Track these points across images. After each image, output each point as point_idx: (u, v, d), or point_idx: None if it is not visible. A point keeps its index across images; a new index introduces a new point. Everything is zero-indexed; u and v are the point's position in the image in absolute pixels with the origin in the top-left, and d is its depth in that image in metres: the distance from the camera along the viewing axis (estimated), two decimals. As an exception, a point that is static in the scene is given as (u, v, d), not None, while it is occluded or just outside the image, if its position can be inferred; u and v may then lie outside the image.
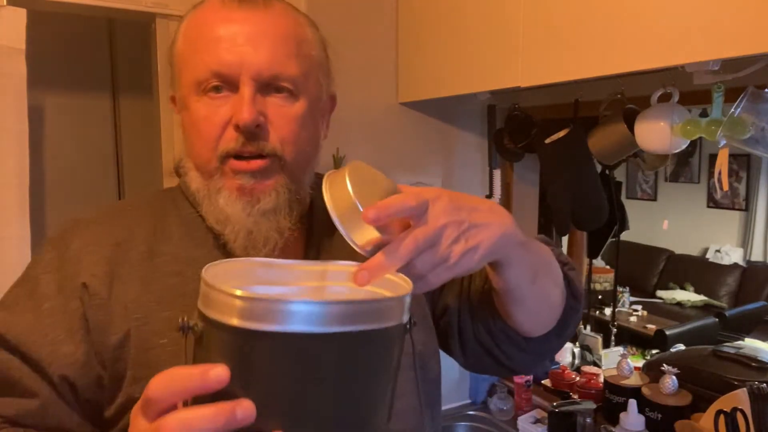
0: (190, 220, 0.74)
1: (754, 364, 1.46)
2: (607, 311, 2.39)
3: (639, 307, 3.03)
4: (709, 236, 4.67)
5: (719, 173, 1.28)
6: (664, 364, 1.51)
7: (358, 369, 0.48)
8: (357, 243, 0.54)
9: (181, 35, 0.72)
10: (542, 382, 1.91)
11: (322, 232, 0.78)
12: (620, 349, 2.00)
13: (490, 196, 1.99)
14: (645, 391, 1.52)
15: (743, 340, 1.88)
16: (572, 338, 2.01)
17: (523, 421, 1.76)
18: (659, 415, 1.47)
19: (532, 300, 0.73)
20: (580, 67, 1.22)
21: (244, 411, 0.44)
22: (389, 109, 1.83)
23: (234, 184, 0.68)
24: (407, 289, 0.52)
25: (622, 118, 1.51)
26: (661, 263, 4.74)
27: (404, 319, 0.51)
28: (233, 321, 0.45)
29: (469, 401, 1.98)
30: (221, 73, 0.66)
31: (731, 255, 4.45)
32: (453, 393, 1.97)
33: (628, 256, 3.68)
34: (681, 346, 1.90)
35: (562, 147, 1.67)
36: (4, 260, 1.37)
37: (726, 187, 1.31)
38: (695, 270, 4.49)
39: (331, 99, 0.80)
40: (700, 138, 1.29)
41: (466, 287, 0.82)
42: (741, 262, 4.41)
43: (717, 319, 2.83)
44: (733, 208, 4.54)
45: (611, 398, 1.60)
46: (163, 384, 0.46)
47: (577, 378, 1.83)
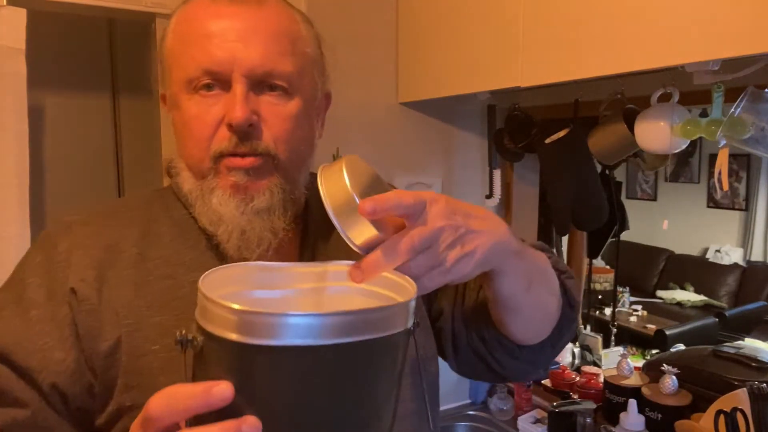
0: (182, 221, 0.72)
1: (754, 364, 1.45)
2: (607, 311, 2.39)
3: (639, 307, 3.02)
4: (709, 236, 4.66)
5: (719, 173, 1.28)
6: (664, 364, 1.51)
7: (363, 378, 0.47)
8: (351, 238, 0.53)
9: (170, 31, 0.70)
10: (542, 382, 1.91)
11: (317, 233, 0.76)
12: (620, 349, 2.00)
13: (490, 196, 1.99)
14: (645, 391, 1.52)
15: (743, 340, 1.88)
16: (572, 338, 2.01)
17: (523, 421, 1.76)
18: (659, 415, 1.47)
19: (527, 309, 0.72)
20: (580, 67, 1.22)
21: (249, 428, 0.42)
22: (389, 109, 1.83)
23: (228, 182, 0.66)
24: (411, 292, 0.51)
25: (622, 118, 1.51)
26: (661, 263, 4.73)
27: (409, 324, 0.50)
28: (233, 336, 0.43)
29: (469, 401, 1.98)
30: (212, 71, 0.65)
31: (731, 255, 4.45)
32: (453, 393, 1.97)
33: (628, 256, 3.67)
34: (681, 346, 1.90)
35: (562, 147, 1.67)
36: (4, 260, 1.37)
37: (726, 187, 1.30)
38: (695, 270, 4.49)
39: (327, 97, 0.78)
40: (700, 138, 1.29)
41: (461, 293, 0.81)
42: (741, 262, 4.41)
43: (717, 319, 2.83)
44: (733, 208, 4.54)
45: (611, 398, 1.60)
46: (164, 402, 0.44)
47: (577, 378, 1.83)
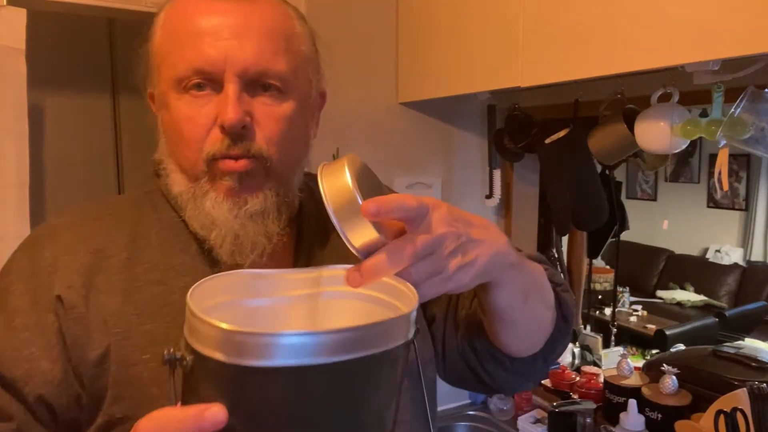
0: (172, 224, 0.69)
1: (754, 364, 1.45)
2: (607, 311, 2.39)
3: (639, 307, 3.03)
4: (709, 236, 4.66)
5: (719, 173, 1.28)
6: (664, 364, 1.51)
7: (362, 393, 0.45)
8: (351, 239, 0.51)
9: (159, 28, 0.67)
10: (542, 382, 1.91)
11: (312, 238, 0.74)
12: (620, 349, 2.00)
13: (490, 196, 1.99)
14: (645, 391, 1.52)
15: (743, 340, 1.88)
16: (572, 338, 2.01)
17: (523, 421, 1.76)
18: (659, 415, 1.47)
19: (522, 322, 0.70)
20: (580, 67, 1.22)
21: None
22: (389, 109, 1.83)
23: (222, 187, 0.64)
24: (412, 300, 0.49)
25: (622, 118, 1.51)
26: (661, 263, 4.73)
27: (410, 335, 0.48)
28: (223, 357, 0.41)
29: (468, 401, 1.98)
30: (204, 70, 0.62)
31: (731, 255, 4.45)
32: (453, 393, 1.97)
33: (628, 256, 3.67)
34: (681, 346, 1.90)
35: (562, 147, 1.67)
36: (4, 260, 1.37)
37: (726, 187, 1.31)
38: (695, 270, 4.49)
39: (321, 96, 0.76)
40: (700, 138, 1.29)
41: (454, 300, 0.80)
42: (741, 262, 4.41)
43: (717, 319, 2.84)
44: (733, 208, 4.54)
45: (611, 398, 1.60)
46: (153, 427, 0.43)
47: (577, 378, 1.83)
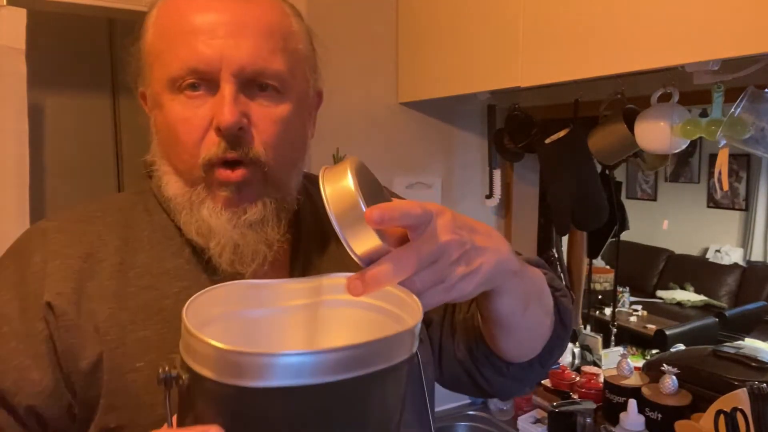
0: (164, 227, 0.67)
1: (754, 364, 1.45)
2: (607, 311, 2.39)
3: (639, 307, 3.03)
4: (709, 236, 4.66)
5: (719, 173, 1.28)
6: (664, 364, 1.51)
7: (366, 410, 0.44)
8: (353, 247, 0.49)
9: (151, 25, 0.65)
10: (542, 382, 1.91)
11: (309, 242, 0.72)
12: (620, 349, 2.00)
13: (490, 196, 1.99)
14: (645, 391, 1.52)
15: (743, 340, 1.88)
16: (572, 338, 2.01)
17: (523, 421, 1.76)
18: (659, 415, 1.47)
19: (522, 329, 0.69)
20: (580, 67, 1.21)
21: None
22: (389, 109, 1.83)
23: (219, 197, 0.62)
24: (417, 311, 0.47)
25: (622, 118, 1.51)
26: (661, 263, 4.74)
27: (414, 348, 0.46)
28: (220, 377, 0.40)
29: (468, 401, 1.97)
30: (198, 70, 0.59)
31: (731, 255, 4.45)
32: (453, 393, 1.95)
33: (628, 256, 3.67)
34: (681, 346, 1.90)
35: (562, 147, 1.67)
36: (4, 260, 1.37)
37: (726, 187, 1.30)
38: (695, 270, 4.49)
39: (318, 95, 0.74)
40: (700, 138, 1.29)
41: (451, 304, 0.78)
42: (741, 262, 4.41)
43: (717, 319, 2.84)
44: (733, 208, 4.54)
45: (611, 398, 1.60)
46: None
47: (577, 378, 1.83)
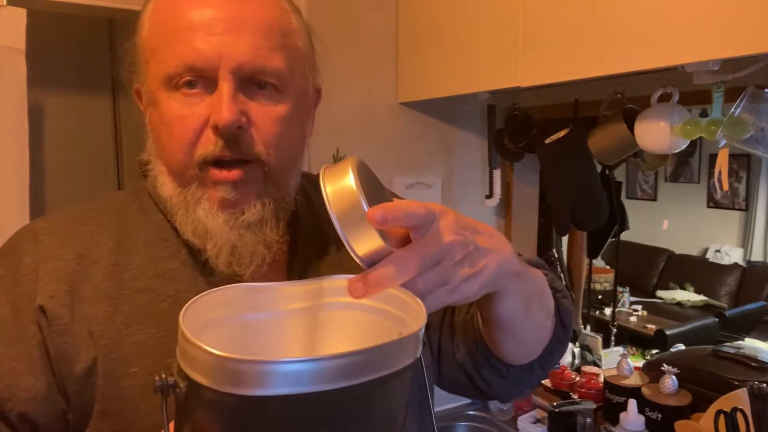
0: (160, 228, 0.65)
1: (754, 364, 1.45)
2: (607, 311, 2.39)
3: (639, 307, 3.03)
4: (709, 236, 4.66)
5: (719, 173, 1.28)
6: (664, 364, 1.51)
7: (370, 417, 0.43)
8: (355, 248, 0.48)
9: (146, 21, 0.62)
10: (542, 382, 1.91)
11: (307, 243, 0.71)
12: (620, 349, 2.00)
13: (490, 196, 1.99)
14: (645, 391, 1.52)
15: (743, 340, 1.88)
16: (572, 338, 2.01)
17: (523, 421, 1.76)
18: (659, 415, 1.47)
19: (523, 331, 0.68)
20: (580, 67, 1.21)
21: None
22: (389, 109, 1.83)
23: (215, 196, 0.60)
24: (421, 316, 0.46)
25: (622, 118, 1.51)
26: (661, 263, 4.74)
27: (418, 353, 0.45)
28: (218, 385, 0.39)
29: (468, 401, 1.97)
30: (196, 67, 0.58)
31: (731, 255, 4.45)
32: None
33: (628, 256, 3.68)
34: (681, 346, 1.90)
35: (562, 147, 1.67)
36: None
37: (726, 187, 1.30)
38: (695, 270, 4.49)
39: (317, 93, 0.72)
40: (700, 138, 1.29)
41: (451, 307, 0.77)
42: (741, 262, 4.41)
43: (717, 319, 2.84)
44: (733, 208, 4.54)
45: (611, 398, 1.60)
46: None
47: (577, 378, 1.83)
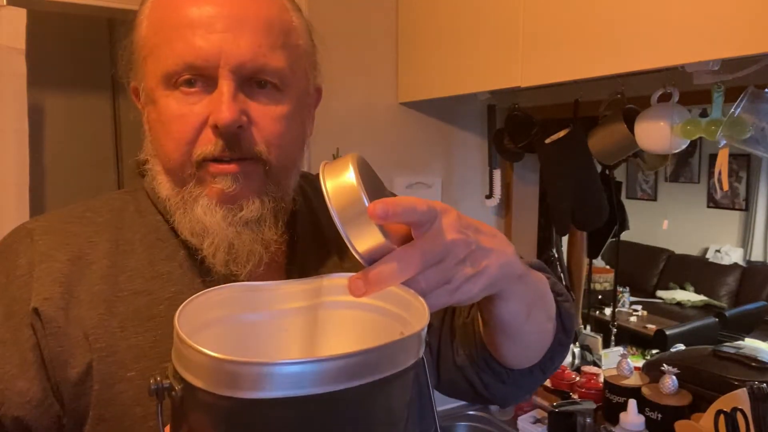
0: (158, 229, 0.64)
1: (754, 364, 1.45)
2: (607, 311, 2.40)
3: (639, 307, 3.03)
4: (709, 236, 4.67)
5: (719, 173, 1.28)
6: (664, 364, 1.51)
7: (371, 418, 0.42)
8: (355, 244, 0.47)
9: (145, 18, 0.61)
10: (542, 382, 1.91)
11: (306, 244, 0.70)
12: (620, 349, 2.00)
13: (490, 196, 1.99)
14: (645, 391, 1.52)
15: (743, 340, 1.88)
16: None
17: (523, 421, 1.75)
18: (659, 415, 1.47)
19: (524, 335, 0.67)
20: (580, 67, 1.22)
21: None
22: (389, 109, 1.83)
23: (214, 191, 0.59)
24: (423, 314, 0.45)
25: (622, 118, 1.51)
26: (661, 263, 4.74)
27: (420, 353, 0.44)
28: (215, 388, 0.38)
29: (469, 401, 1.97)
30: (196, 65, 0.57)
31: (731, 255, 4.45)
32: (453, 393, 1.96)
33: (628, 256, 3.68)
34: (681, 346, 1.90)
35: (562, 147, 1.67)
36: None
37: (726, 187, 1.30)
38: (695, 270, 4.49)
39: (318, 92, 0.71)
40: (700, 138, 1.29)
41: (451, 308, 0.76)
42: (741, 262, 4.41)
43: (717, 319, 2.84)
44: (733, 208, 4.55)
45: (611, 398, 1.60)
46: None
47: (577, 378, 1.83)
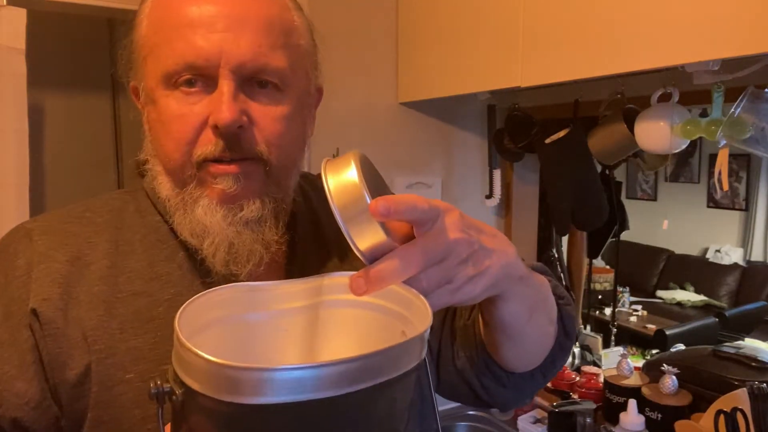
0: (157, 229, 0.64)
1: (754, 364, 1.45)
2: (607, 311, 2.39)
3: (639, 307, 3.03)
4: (709, 236, 4.66)
5: (719, 173, 1.28)
6: (664, 364, 1.51)
7: (373, 421, 0.42)
8: (356, 242, 0.47)
9: (145, 17, 0.61)
10: (542, 382, 1.91)
11: (306, 245, 0.69)
12: (620, 349, 2.00)
13: (490, 196, 1.99)
14: (645, 391, 1.52)
15: (743, 340, 1.88)
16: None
17: (523, 421, 1.75)
18: (659, 415, 1.47)
19: (526, 338, 0.67)
20: (580, 67, 1.22)
21: None
22: (389, 109, 1.83)
23: (215, 191, 0.58)
24: (426, 315, 0.45)
25: (622, 118, 1.51)
26: (661, 263, 4.74)
27: (423, 354, 0.44)
28: (216, 393, 0.38)
29: (469, 401, 1.97)
30: (196, 65, 0.56)
31: (731, 255, 4.45)
32: (453, 393, 1.96)
33: (628, 256, 3.68)
34: (681, 346, 1.90)
35: (562, 147, 1.67)
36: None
37: (726, 187, 1.30)
38: (695, 270, 4.49)
39: (319, 92, 0.71)
40: (700, 138, 1.29)
41: (452, 310, 0.76)
42: (741, 262, 4.41)
43: (717, 319, 2.84)
44: (733, 208, 4.54)
45: (611, 398, 1.60)
46: None
47: (577, 378, 1.83)
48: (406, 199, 0.46)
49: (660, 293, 4.37)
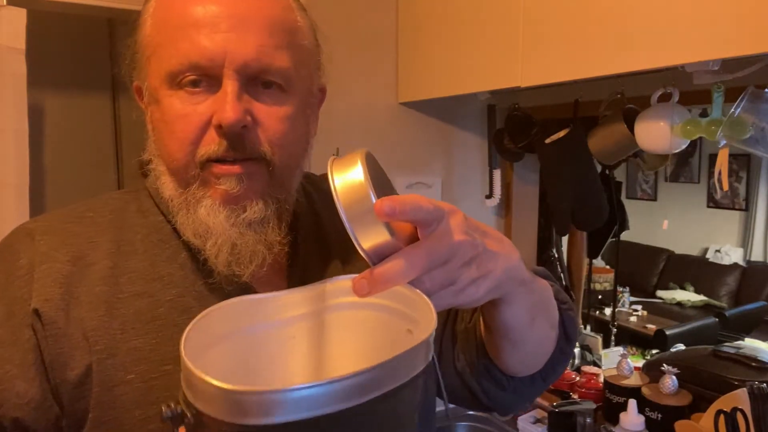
0: (159, 230, 0.64)
1: (754, 364, 1.45)
2: (607, 311, 2.40)
3: (639, 307, 3.03)
4: (709, 236, 4.67)
5: (719, 173, 1.28)
6: (664, 364, 1.51)
7: (383, 426, 0.42)
8: (361, 241, 0.47)
9: (149, 17, 0.61)
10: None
11: (308, 246, 0.69)
12: (620, 349, 2.00)
13: (490, 196, 2.00)
14: (645, 391, 1.52)
15: (743, 340, 1.88)
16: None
17: (523, 421, 1.75)
18: (659, 415, 1.47)
19: (527, 342, 0.67)
20: (580, 67, 1.22)
21: None
22: (389, 109, 1.83)
23: (218, 192, 0.58)
24: (431, 317, 0.44)
25: (622, 118, 1.51)
26: (661, 263, 4.74)
27: (430, 356, 0.44)
28: (227, 417, 0.38)
29: (469, 401, 1.97)
30: (200, 65, 0.56)
31: (731, 255, 4.45)
32: (453, 393, 1.96)
33: (628, 256, 3.68)
34: (681, 346, 1.90)
35: (562, 147, 1.67)
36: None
37: (726, 187, 1.30)
38: (695, 270, 4.49)
39: (322, 92, 0.71)
40: (700, 138, 1.29)
41: (453, 312, 0.76)
42: (741, 262, 4.41)
43: (717, 319, 2.85)
44: (733, 208, 4.55)
45: (611, 398, 1.60)
46: None
47: (577, 378, 1.83)
48: (411, 199, 0.46)
49: (660, 293, 4.37)
